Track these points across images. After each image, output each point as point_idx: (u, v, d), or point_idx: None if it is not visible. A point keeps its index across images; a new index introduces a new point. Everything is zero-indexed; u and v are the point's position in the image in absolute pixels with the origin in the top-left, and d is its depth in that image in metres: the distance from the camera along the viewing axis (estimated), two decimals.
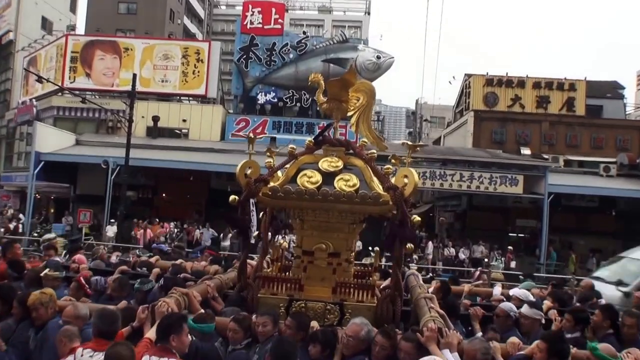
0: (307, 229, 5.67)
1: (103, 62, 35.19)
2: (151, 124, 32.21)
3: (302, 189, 5.39)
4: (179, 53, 34.48)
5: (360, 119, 6.07)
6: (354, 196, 5.32)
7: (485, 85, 34.64)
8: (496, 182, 25.84)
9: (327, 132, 5.97)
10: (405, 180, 5.32)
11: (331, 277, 5.58)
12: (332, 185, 5.40)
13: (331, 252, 5.57)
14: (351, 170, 5.75)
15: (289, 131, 31.56)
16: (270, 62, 33.63)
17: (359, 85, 6.14)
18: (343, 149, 5.89)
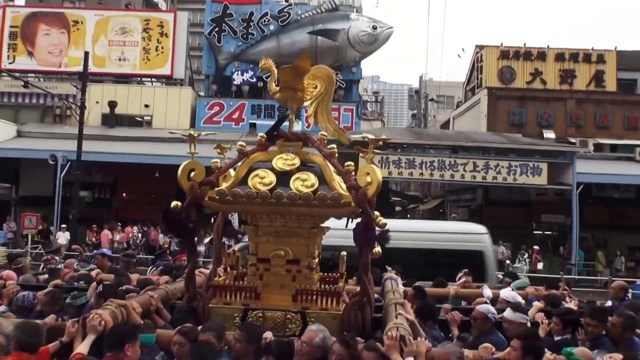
0: (262, 235, 5.95)
1: (48, 38, 34.77)
2: (107, 110, 31.92)
3: (253, 192, 5.61)
4: (138, 26, 34.12)
5: (318, 108, 6.28)
6: (312, 198, 5.53)
7: (499, 58, 34.61)
8: (516, 171, 25.81)
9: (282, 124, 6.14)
10: (367, 178, 5.53)
11: (291, 285, 5.83)
12: (288, 186, 5.60)
13: (290, 259, 5.82)
14: (310, 168, 5.86)
15: (270, 116, 31.31)
16: (247, 36, 33.38)
17: (315, 72, 6.40)
18: (300, 144, 6.05)
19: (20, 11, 36.34)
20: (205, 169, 5.74)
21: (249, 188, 5.57)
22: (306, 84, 6.03)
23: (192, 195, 5.60)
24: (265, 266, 5.88)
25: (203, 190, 5.61)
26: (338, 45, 32.78)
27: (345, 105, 32.27)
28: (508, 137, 29.18)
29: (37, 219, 24.01)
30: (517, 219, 29.67)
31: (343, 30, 32.79)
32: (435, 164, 25.92)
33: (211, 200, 5.65)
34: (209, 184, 5.65)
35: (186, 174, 5.62)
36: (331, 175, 5.66)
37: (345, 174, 5.57)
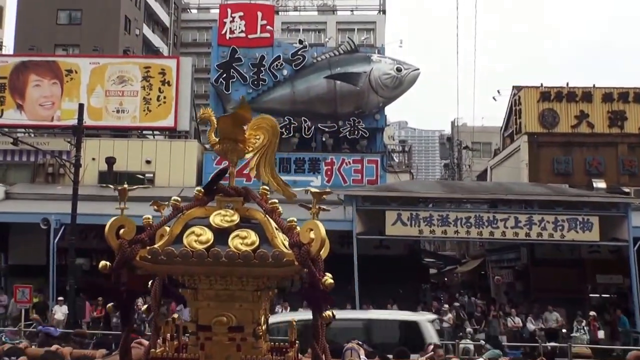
0: (202, 300, 5.91)
1: (39, 89, 35.78)
2: (105, 167, 32.49)
3: (189, 251, 5.61)
4: (138, 74, 35.05)
5: (261, 161, 6.38)
6: (252, 257, 5.53)
7: (540, 100, 35.00)
8: (563, 227, 25.86)
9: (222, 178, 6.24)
10: (311, 235, 5.53)
11: (236, 355, 5.80)
12: (227, 244, 5.63)
13: (232, 326, 5.80)
14: (251, 225, 6.03)
15: (286, 170, 31.80)
16: (258, 82, 34.18)
17: (258, 122, 6.50)
18: (241, 200, 6.19)
19: (9, 61, 37.40)
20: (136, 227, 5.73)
21: (184, 246, 5.57)
22: (248, 135, 6.08)
23: (121, 255, 5.60)
24: (206, 335, 5.85)
25: (134, 249, 5.58)
26: (359, 90, 33.43)
27: (368, 157, 32.74)
28: (553, 189, 29.28)
29: (30, 290, 24.20)
30: (569, 280, 29.53)
31: (364, 74, 33.47)
32: (472, 220, 26.07)
33: (143, 260, 5.63)
34: (140, 242, 5.60)
35: (114, 231, 5.58)
36: (273, 233, 5.65)
37: (287, 231, 5.58)
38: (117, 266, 5.62)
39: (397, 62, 34.36)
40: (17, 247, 30.96)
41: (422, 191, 28.02)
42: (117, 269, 5.63)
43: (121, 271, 5.69)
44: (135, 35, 53.28)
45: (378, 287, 26.90)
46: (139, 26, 54.48)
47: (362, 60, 34.28)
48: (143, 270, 5.87)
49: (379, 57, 34.71)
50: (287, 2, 59.67)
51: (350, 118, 33.51)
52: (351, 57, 34.33)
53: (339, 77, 33.58)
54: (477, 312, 27.18)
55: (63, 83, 35.48)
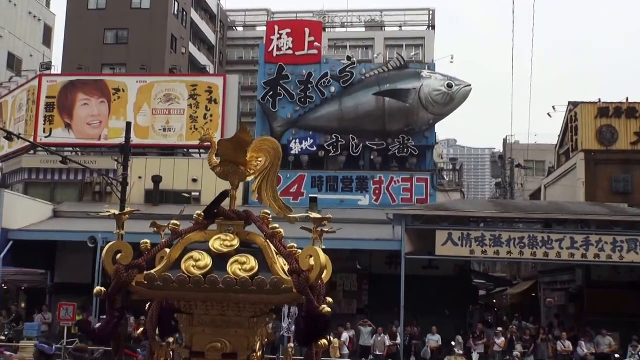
0: (197, 326, 5.98)
1: (87, 108, 36.60)
2: (151, 186, 32.97)
3: (185, 277, 5.65)
4: (185, 92, 35.64)
5: (262, 184, 6.39)
6: (249, 283, 5.58)
7: (597, 116, 34.54)
8: (622, 248, 25.42)
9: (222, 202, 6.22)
10: (310, 261, 5.53)
11: None
12: (225, 269, 5.67)
13: (226, 353, 5.85)
14: (251, 250, 6.00)
15: (333, 189, 31.97)
16: (305, 99, 34.42)
17: (260, 144, 6.48)
18: (242, 223, 6.16)
19: (57, 80, 38.35)
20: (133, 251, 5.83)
21: (182, 272, 5.64)
22: (250, 157, 6.19)
23: (117, 280, 5.66)
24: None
25: (130, 274, 5.65)
26: (409, 107, 33.45)
27: (418, 175, 32.68)
28: (611, 208, 28.85)
29: (74, 308, 24.69)
30: (626, 303, 29.00)
31: (414, 90, 33.48)
32: (526, 240, 25.75)
33: (139, 286, 5.70)
34: (137, 268, 5.67)
35: (111, 257, 5.67)
36: (273, 258, 5.72)
37: (287, 257, 5.65)
38: (112, 291, 5.69)
39: (448, 78, 34.29)
40: (63, 266, 31.58)
41: (474, 210, 27.85)
42: (112, 294, 5.70)
43: (116, 297, 5.74)
44: (182, 53, 54.14)
45: (425, 308, 26.82)
46: (185, 44, 55.36)
47: (411, 76, 34.30)
48: (139, 295, 5.89)
49: (429, 73, 34.67)
50: (334, 19, 60.19)
51: (399, 135, 33.49)
52: (401, 74, 34.37)
53: (388, 94, 33.64)
54: (526, 335, 26.87)
55: (110, 102, 36.25)
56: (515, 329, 28.15)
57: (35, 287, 32.80)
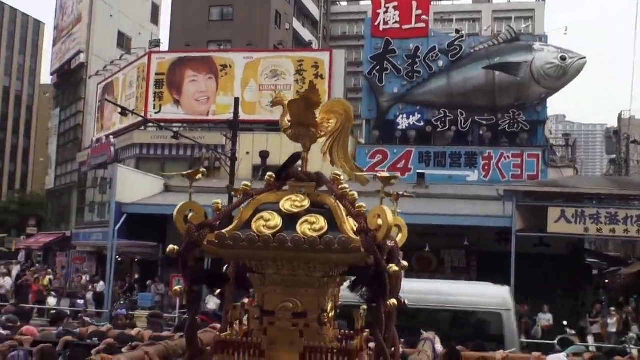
0: (268, 285, 5.90)
1: (195, 84, 37.66)
2: (258, 161, 33.67)
3: (255, 236, 5.85)
4: (291, 68, 36.16)
5: (334, 146, 6.41)
6: (317, 242, 5.49)
7: None
8: None
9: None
10: (378, 221, 5.64)
11: (298, 341, 5.77)
12: (295, 229, 5.70)
13: (296, 312, 5.80)
14: (321, 210, 6.08)
15: (441, 165, 31.86)
16: (412, 74, 34.32)
17: (331, 105, 6.46)
18: (313, 185, 6.25)
19: (166, 57, 39.61)
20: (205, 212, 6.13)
21: (252, 231, 5.54)
22: (320, 119, 5.88)
23: (188, 239, 5.54)
24: (270, 320, 5.79)
25: (201, 233, 5.54)
26: (519, 80, 32.92)
27: (529, 151, 32.18)
28: None
29: None
30: None
31: (525, 63, 32.91)
32: None
33: (210, 245, 5.57)
34: (208, 227, 5.58)
35: (182, 216, 5.54)
36: (342, 219, 5.54)
37: (356, 216, 5.46)
38: (184, 250, 5.64)
39: (562, 50, 33.53)
40: (174, 238, 32.30)
41: (589, 187, 27.29)
42: (184, 253, 5.64)
43: (188, 255, 6.19)
44: (286, 29, 54.78)
45: (535, 287, 26.51)
46: (289, 20, 55.95)
47: (523, 49, 33.71)
48: (210, 254, 5.89)
49: (542, 46, 33.96)
50: None
51: (509, 110, 33.07)
52: (511, 47, 33.83)
53: (498, 68, 33.19)
54: None
55: (218, 78, 37.17)
56: (631, 310, 27.53)
57: (148, 259, 34.14)
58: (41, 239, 52.69)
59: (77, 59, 54.67)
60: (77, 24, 55.10)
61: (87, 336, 9.41)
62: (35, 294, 29.68)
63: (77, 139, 53.22)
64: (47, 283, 32.73)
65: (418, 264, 28.97)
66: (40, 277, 33.00)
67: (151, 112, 37.07)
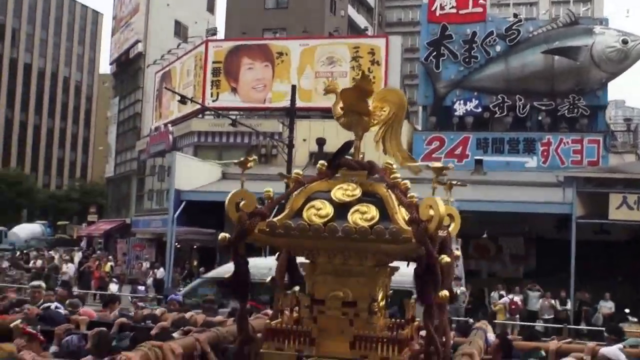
0: (319, 274, 6.07)
1: (252, 72, 37.89)
2: (315, 148, 33.71)
3: (305, 225, 5.73)
4: (347, 54, 36.11)
5: (387, 134, 6.33)
6: (368, 232, 5.60)
7: None
8: None
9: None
10: (430, 212, 5.51)
11: (348, 330, 5.91)
12: (346, 218, 5.73)
13: (346, 301, 5.94)
14: (373, 199, 5.99)
15: (499, 151, 31.53)
16: (469, 59, 33.98)
17: (385, 94, 6.41)
18: (365, 173, 6.15)
19: (223, 45, 39.92)
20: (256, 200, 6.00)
21: (303, 220, 5.72)
22: (373, 107, 6.16)
23: (239, 227, 5.83)
24: (320, 308, 5.98)
25: (252, 222, 5.79)
26: (579, 65, 32.36)
27: (589, 136, 31.63)
28: None
29: None
30: None
31: (585, 47, 32.30)
32: None
33: (261, 233, 5.82)
34: (259, 215, 5.80)
35: (234, 205, 5.88)
36: (394, 208, 5.70)
37: (407, 207, 5.64)
38: (235, 238, 5.88)
39: (623, 33, 32.82)
40: (232, 225, 32.95)
41: None
42: (235, 242, 5.89)
43: (239, 243, 5.92)
44: (341, 16, 54.59)
45: (595, 274, 26.15)
46: (344, 7, 55.73)
47: (582, 33, 33.08)
48: (261, 242, 6.17)
49: (603, 29, 33.26)
50: None
51: (569, 95, 32.54)
52: (570, 30, 33.22)
53: (557, 52, 32.65)
54: None
55: (274, 65, 37.31)
56: None
57: (206, 246, 34.55)
58: (102, 226, 53.82)
59: (135, 49, 55.55)
60: (135, 14, 55.94)
61: (141, 319, 9.61)
62: (98, 280, 30.23)
63: (135, 127, 54.11)
64: (109, 269, 33.38)
65: (475, 251, 28.83)
66: (102, 264, 33.69)
67: (208, 100, 37.42)
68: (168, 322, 8.97)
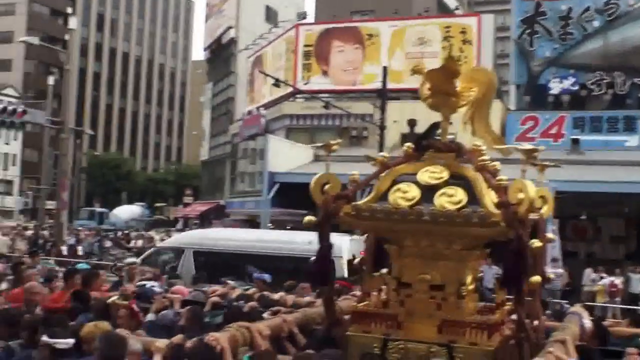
0: (406, 257, 5.99)
1: (342, 55, 37.74)
2: (406, 130, 33.43)
3: (392, 208, 5.60)
4: (438, 34, 35.58)
5: (475, 115, 6.00)
6: (455, 216, 5.45)
7: None
8: None
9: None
10: (520, 194, 5.32)
11: (436, 314, 5.84)
12: (432, 201, 5.56)
13: (433, 285, 5.84)
14: (460, 182, 5.67)
15: (597, 130, 30.43)
16: (565, 36, 32.88)
17: (473, 74, 6.25)
18: (453, 156, 5.86)
19: (313, 29, 39.95)
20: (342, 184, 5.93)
21: (389, 203, 5.63)
22: (461, 88, 5.97)
23: (325, 210, 5.79)
24: (406, 292, 5.93)
25: (338, 205, 5.76)
26: None
27: None
28: None
29: None
30: None
31: None
32: None
33: (346, 216, 5.79)
34: (345, 198, 5.78)
35: (319, 188, 5.83)
36: (482, 191, 5.57)
37: (496, 190, 5.48)
38: (321, 221, 5.86)
39: None
40: None
41: None
42: (321, 224, 5.88)
43: (324, 226, 5.92)
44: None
45: None
46: None
47: None
48: (347, 226, 6.16)
49: None
50: None
51: None
52: None
53: None
54: None
55: (364, 47, 37.08)
56: None
57: (299, 227, 34.70)
58: (197, 208, 55.00)
59: (228, 35, 56.26)
60: (227, 0, 56.46)
61: (233, 299, 9.61)
62: None
63: (228, 111, 54.90)
64: None
65: (573, 232, 28.01)
66: None
67: (299, 84, 37.51)
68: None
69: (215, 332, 5.84)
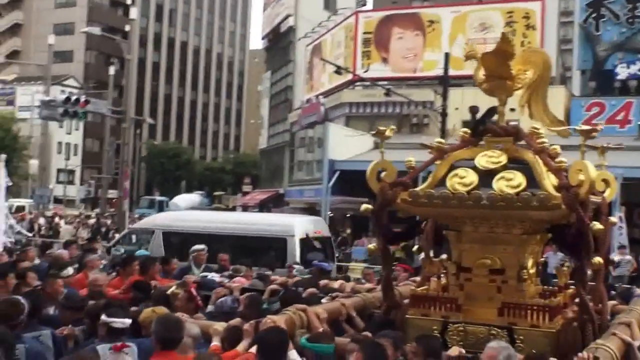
0: (466, 242, 6.09)
1: (402, 42, 37.43)
2: (468, 117, 32.93)
3: (449, 193, 5.67)
4: (500, 20, 35.01)
5: (532, 98, 5.84)
6: (515, 199, 5.49)
7: None
8: None
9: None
10: (580, 176, 5.34)
11: (496, 297, 5.93)
12: (491, 186, 5.62)
13: (493, 269, 5.92)
14: (519, 166, 5.72)
15: None
16: (633, 20, 32.14)
17: (528, 56, 6.17)
18: (511, 140, 5.94)
19: (373, 16, 39.73)
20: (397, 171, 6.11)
21: (446, 189, 5.66)
22: (516, 71, 5.95)
23: (382, 197, 5.85)
24: (466, 276, 6.00)
25: (395, 191, 5.80)
26: None
27: None
28: None
29: None
30: None
31: None
32: None
33: (404, 203, 5.83)
34: (402, 185, 5.85)
35: (375, 175, 5.93)
36: (542, 174, 5.56)
37: (556, 172, 5.46)
38: (378, 208, 6.07)
39: None
40: None
41: None
42: (378, 211, 6.09)
43: (382, 213, 6.09)
44: None
45: None
46: None
47: None
48: (404, 212, 6.19)
49: None
50: None
51: None
52: None
53: None
54: None
55: (425, 34, 36.71)
56: None
57: (359, 214, 34.58)
58: (256, 196, 55.18)
59: (286, 23, 56.27)
60: None
61: (292, 285, 9.68)
62: None
63: (287, 100, 54.98)
64: None
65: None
66: None
67: (359, 71, 37.30)
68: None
69: (273, 316, 5.91)
